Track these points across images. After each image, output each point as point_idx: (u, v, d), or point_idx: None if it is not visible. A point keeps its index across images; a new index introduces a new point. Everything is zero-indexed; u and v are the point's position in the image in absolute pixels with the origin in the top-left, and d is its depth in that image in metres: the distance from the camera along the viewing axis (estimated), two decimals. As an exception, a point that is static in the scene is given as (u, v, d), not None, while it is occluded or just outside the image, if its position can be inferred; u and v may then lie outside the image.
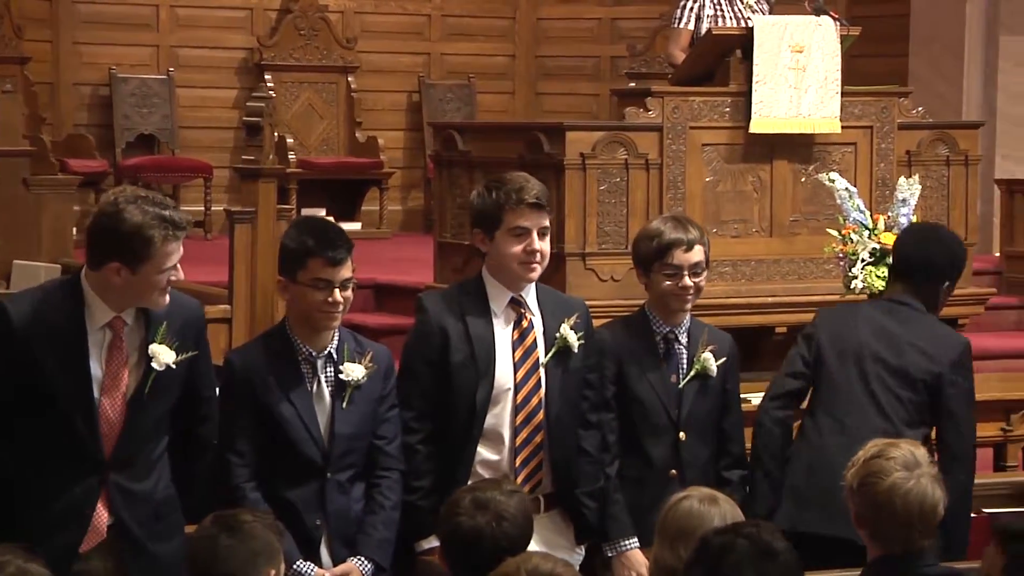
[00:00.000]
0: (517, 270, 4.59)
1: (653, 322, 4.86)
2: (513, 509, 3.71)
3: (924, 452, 3.80)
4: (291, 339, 4.44)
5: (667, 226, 4.83)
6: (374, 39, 12.34)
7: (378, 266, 9.03)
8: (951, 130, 7.71)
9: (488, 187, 4.64)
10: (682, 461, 4.81)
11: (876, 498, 3.71)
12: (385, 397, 4.51)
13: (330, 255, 4.37)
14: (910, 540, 3.71)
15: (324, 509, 4.40)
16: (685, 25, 7.84)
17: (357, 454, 4.46)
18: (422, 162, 12.05)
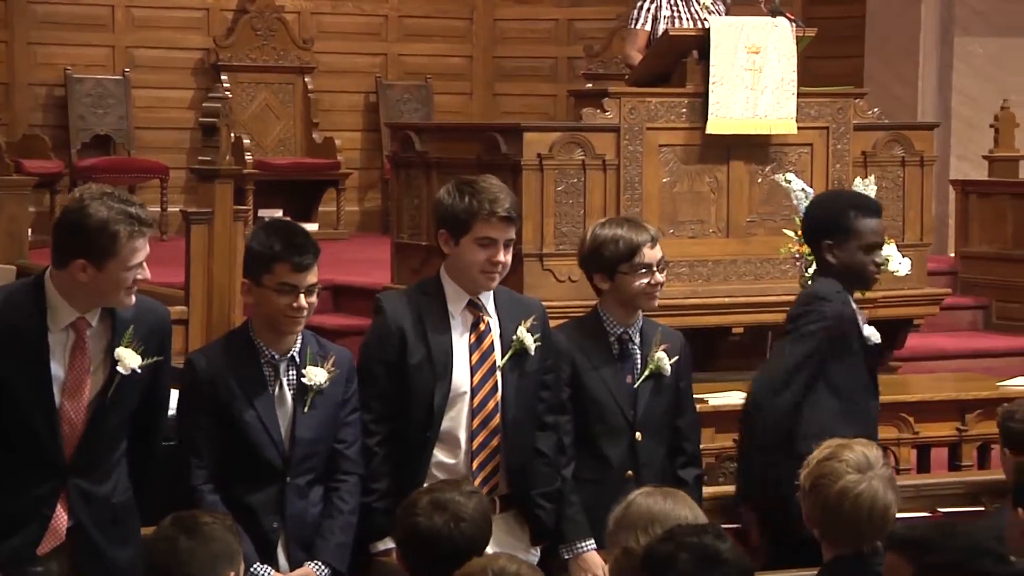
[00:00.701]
0: (477, 278, 4.58)
1: (607, 323, 4.87)
2: (471, 510, 3.71)
3: (877, 453, 3.82)
4: (254, 341, 4.43)
5: (625, 228, 4.84)
6: (331, 40, 12.31)
7: (336, 267, 9.00)
8: (906, 131, 7.76)
9: (462, 190, 4.59)
10: (639, 462, 4.82)
11: (827, 500, 3.74)
12: (347, 401, 4.50)
13: (297, 260, 4.35)
14: (860, 541, 3.73)
15: (282, 513, 4.39)
16: (642, 26, 7.86)
17: (317, 458, 4.44)
18: (379, 163, 12.03)
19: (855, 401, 4.91)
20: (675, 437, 4.93)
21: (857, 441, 3.93)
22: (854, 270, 4.95)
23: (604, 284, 4.85)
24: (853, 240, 4.93)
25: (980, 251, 9.45)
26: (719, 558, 3.20)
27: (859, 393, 4.93)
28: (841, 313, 4.89)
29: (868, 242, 4.94)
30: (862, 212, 4.96)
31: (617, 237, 4.80)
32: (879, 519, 3.73)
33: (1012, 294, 9.16)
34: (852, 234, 4.93)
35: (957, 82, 10.70)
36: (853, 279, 4.98)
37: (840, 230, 4.94)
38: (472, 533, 3.68)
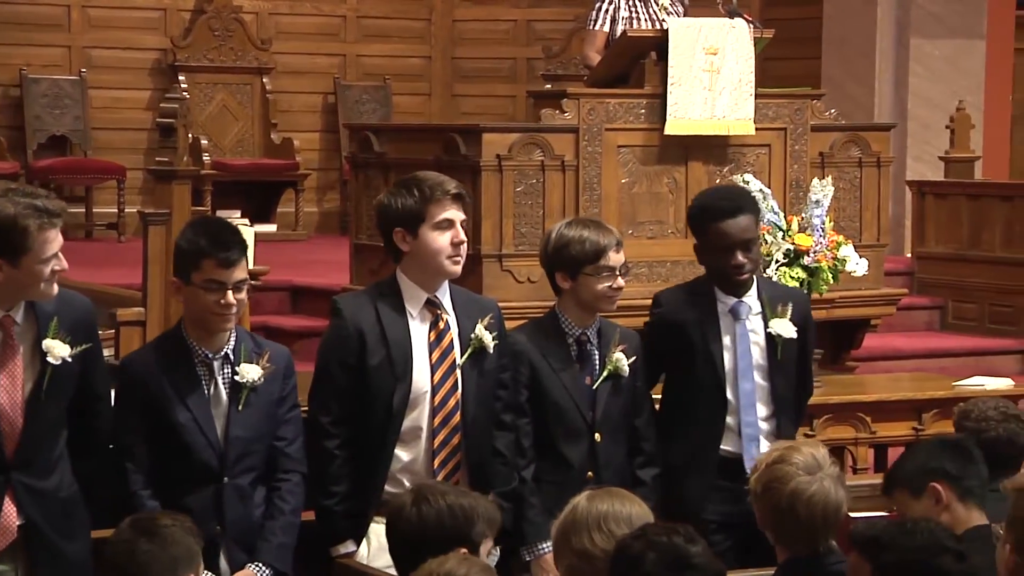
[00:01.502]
0: (444, 264, 4.57)
1: (565, 324, 4.87)
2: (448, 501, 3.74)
3: (825, 453, 3.83)
4: (186, 341, 4.40)
5: (590, 230, 4.85)
6: (289, 40, 12.28)
7: (294, 268, 8.98)
8: (863, 132, 7.79)
9: (406, 186, 4.61)
10: (599, 463, 4.82)
11: (779, 504, 3.75)
12: (284, 398, 4.47)
13: (223, 256, 4.32)
14: (814, 541, 3.75)
15: (222, 515, 4.36)
16: (600, 27, 7.87)
17: (255, 457, 4.42)
18: (338, 164, 12.00)
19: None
20: (633, 437, 4.94)
21: (804, 442, 3.95)
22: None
23: (565, 284, 4.85)
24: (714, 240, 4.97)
25: (936, 252, 9.50)
26: (688, 562, 3.19)
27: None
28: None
29: (720, 244, 4.96)
30: (714, 216, 4.98)
31: (584, 238, 4.81)
32: (832, 518, 3.75)
33: (968, 294, 9.21)
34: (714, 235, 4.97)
35: (913, 83, 10.75)
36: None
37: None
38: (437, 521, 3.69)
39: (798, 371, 5.12)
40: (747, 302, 5.03)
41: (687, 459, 4.99)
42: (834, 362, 7.67)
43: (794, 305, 5.07)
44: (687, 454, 4.99)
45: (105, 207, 11.19)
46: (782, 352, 5.01)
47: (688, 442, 5.00)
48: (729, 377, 4.98)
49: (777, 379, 5.02)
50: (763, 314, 5.03)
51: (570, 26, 12.16)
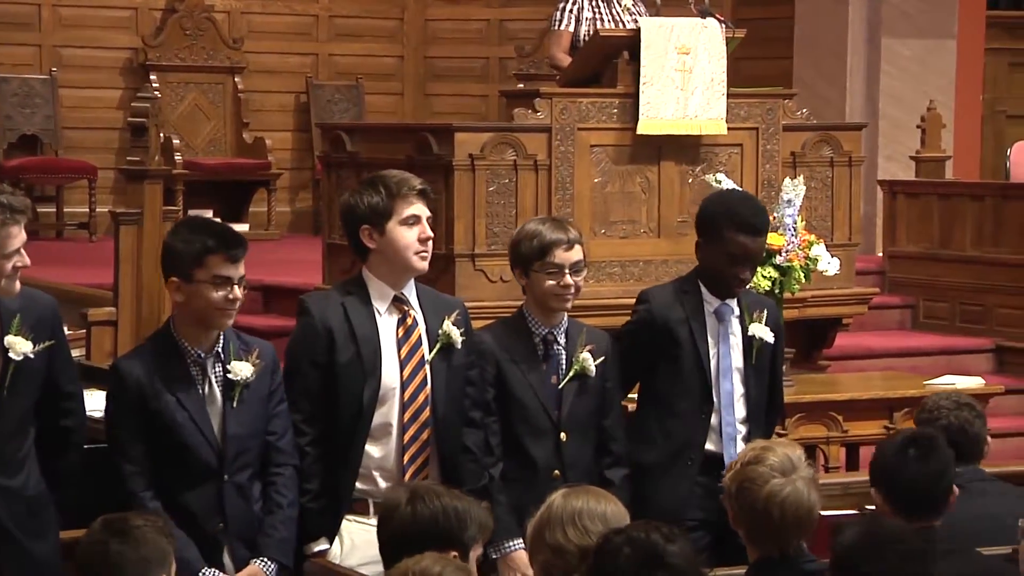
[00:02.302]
0: (412, 260, 4.59)
1: (531, 323, 4.88)
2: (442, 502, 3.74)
3: (800, 454, 3.85)
4: (178, 341, 4.41)
5: (546, 226, 4.87)
6: (261, 39, 12.25)
7: (266, 267, 8.96)
8: (835, 132, 7.81)
9: (372, 183, 4.65)
10: (564, 462, 4.83)
11: (753, 505, 3.76)
12: (273, 393, 4.50)
13: (231, 252, 4.37)
14: (786, 543, 3.76)
15: (223, 513, 4.37)
16: (565, 27, 7.88)
17: (252, 454, 4.44)
18: (310, 163, 11.98)
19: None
20: (601, 437, 4.95)
21: (780, 442, 3.96)
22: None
23: (522, 281, 4.89)
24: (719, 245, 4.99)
25: (907, 251, 9.53)
26: (662, 560, 3.19)
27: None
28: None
29: (733, 253, 4.97)
30: (739, 227, 4.99)
31: (534, 234, 4.83)
32: (804, 521, 3.77)
33: (939, 293, 9.24)
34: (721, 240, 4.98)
35: (884, 83, 10.78)
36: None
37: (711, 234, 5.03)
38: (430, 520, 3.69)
39: (770, 380, 5.15)
40: (731, 304, 5.06)
41: (667, 459, 5.00)
42: (806, 361, 7.69)
43: (768, 313, 5.10)
44: (667, 454, 5.00)
45: (76, 207, 11.16)
46: (757, 356, 5.05)
47: (668, 441, 5.01)
48: (712, 376, 5.00)
49: (751, 382, 5.05)
50: (741, 318, 5.06)
51: (543, 26, 12.13)
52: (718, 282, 5.04)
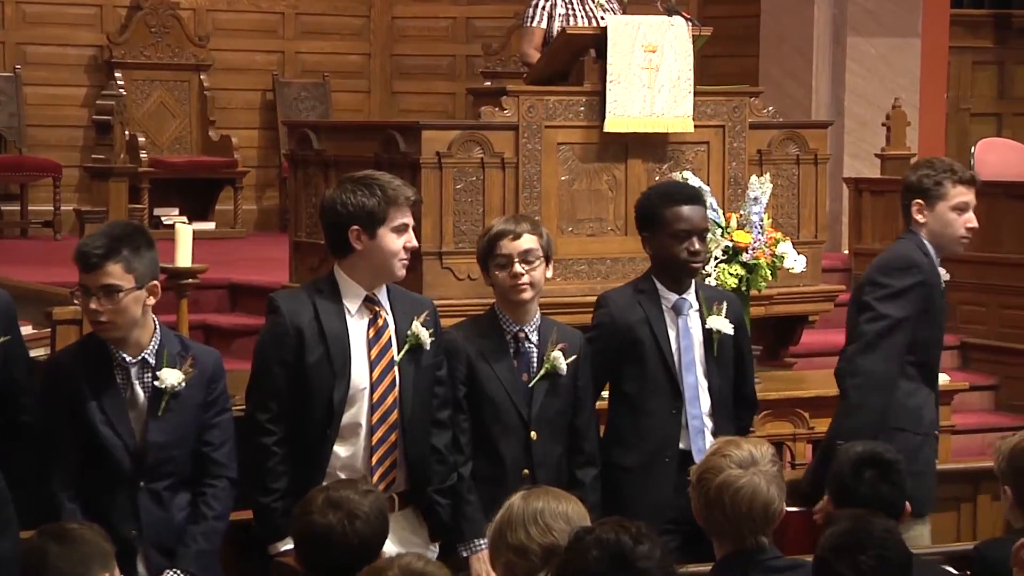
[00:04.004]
0: (395, 267, 4.60)
1: (503, 321, 4.88)
2: (367, 508, 3.70)
3: (766, 451, 3.84)
4: (106, 344, 4.37)
5: (500, 221, 4.93)
6: (227, 37, 12.20)
7: (232, 266, 8.93)
8: (801, 130, 7.82)
9: (367, 184, 4.59)
10: (534, 460, 4.83)
11: (708, 494, 3.77)
12: (212, 402, 4.45)
13: (81, 263, 4.31)
14: (741, 536, 3.76)
15: (138, 519, 4.34)
16: (537, 24, 7.87)
17: (175, 463, 4.39)
18: (277, 161, 11.95)
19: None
20: (572, 436, 4.95)
21: (748, 439, 3.96)
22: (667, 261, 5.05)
23: (487, 280, 4.92)
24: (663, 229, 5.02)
25: (873, 248, 9.53)
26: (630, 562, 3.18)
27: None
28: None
29: (677, 229, 5.00)
30: (672, 201, 5.04)
31: (487, 231, 4.88)
32: (759, 514, 3.76)
33: (904, 290, 9.26)
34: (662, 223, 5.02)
35: (850, 81, 10.82)
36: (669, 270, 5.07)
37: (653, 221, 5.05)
38: (367, 531, 3.67)
39: (739, 375, 5.17)
40: (687, 298, 5.08)
41: (646, 459, 5.01)
42: (772, 358, 7.71)
43: (728, 306, 5.12)
44: (645, 454, 5.01)
45: (41, 205, 11.08)
46: (718, 349, 5.06)
47: (644, 441, 5.03)
48: (677, 371, 5.02)
49: (713, 375, 5.07)
50: (700, 312, 5.07)
51: (510, 23, 12.16)
52: (673, 268, 5.06)
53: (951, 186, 5.26)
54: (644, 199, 5.22)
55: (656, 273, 5.11)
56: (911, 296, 5.17)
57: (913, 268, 5.21)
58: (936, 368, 5.33)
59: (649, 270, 5.17)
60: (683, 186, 5.41)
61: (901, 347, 5.17)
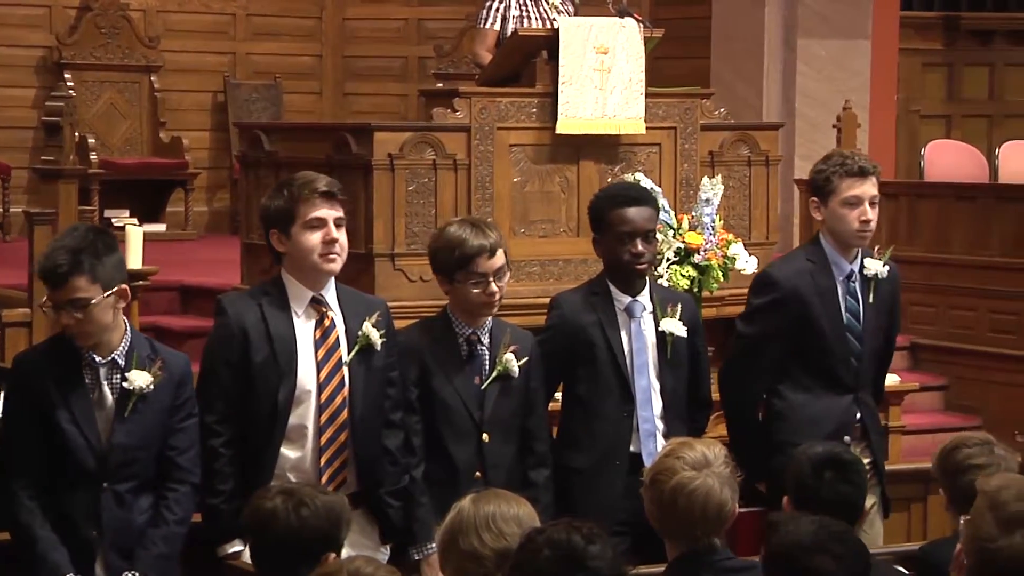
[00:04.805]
0: (318, 263, 4.57)
1: (455, 324, 4.88)
2: (319, 502, 3.69)
3: (719, 452, 3.85)
4: (75, 344, 4.36)
5: (466, 232, 4.84)
6: (178, 38, 12.14)
7: (184, 268, 8.90)
8: (752, 131, 7.85)
9: (279, 187, 4.67)
10: (486, 463, 4.83)
11: (662, 496, 3.77)
12: (179, 407, 4.44)
13: (46, 280, 4.31)
14: (694, 538, 3.77)
15: (99, 521, 4.32)
16: (491, 25, 7.87)
17: (140, 465, 4.38)
18: (228, 163, 11.90)
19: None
20: (524, 438, 4.96)
21: (701, 440, 3.97)
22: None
23: (445, 287, 4.87)
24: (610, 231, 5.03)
25: (824, 249, 9.60)
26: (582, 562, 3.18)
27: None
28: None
29: (621, 231, 5.01)
30: (617, 202, 5.06)
31: (455, 244, 4.81)
32: (712, 516, 3.76)
33: (855, 291, 9.32)
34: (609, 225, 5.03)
35: (800, 83, 10.87)
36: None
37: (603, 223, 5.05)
38: (314, 522, 3.65)
39: (694, 376, 5.18)
40: (641, 301, 5.09)
41: (597, 462, 5.02)
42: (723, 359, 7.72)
43: (683, 307, 5.13)
44: (596, 456, 5.02)
45: (-10, 207, 11.00)
46: (672, 351, 5.07)
47: (596, 444, 5.03)
48: (629, 374, 5.03)
49: (667, 377, 5.08)
50: (654, 314, 5.08)
51: (461, 25, 12.15)
52: (621, 270, 5.08)
53: (839, 180, 5.28)
54: (593, 201, 5.24)
55: (609, 275, 5.13)
56: (768, 313, 5.23)
57: (771, 285, 5.27)
58: (843, 374, 5.30)
59: (602, 272, 5.18)
60: (630, 187, 5.41)
61: (767, 364, 5.22)
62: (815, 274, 5.27)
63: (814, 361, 5.26)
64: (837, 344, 5.27)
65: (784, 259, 5.60)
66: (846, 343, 5.29)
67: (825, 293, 5.27)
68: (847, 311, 5.30)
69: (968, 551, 3.10)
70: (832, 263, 5.31)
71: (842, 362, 5.28)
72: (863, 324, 5.32)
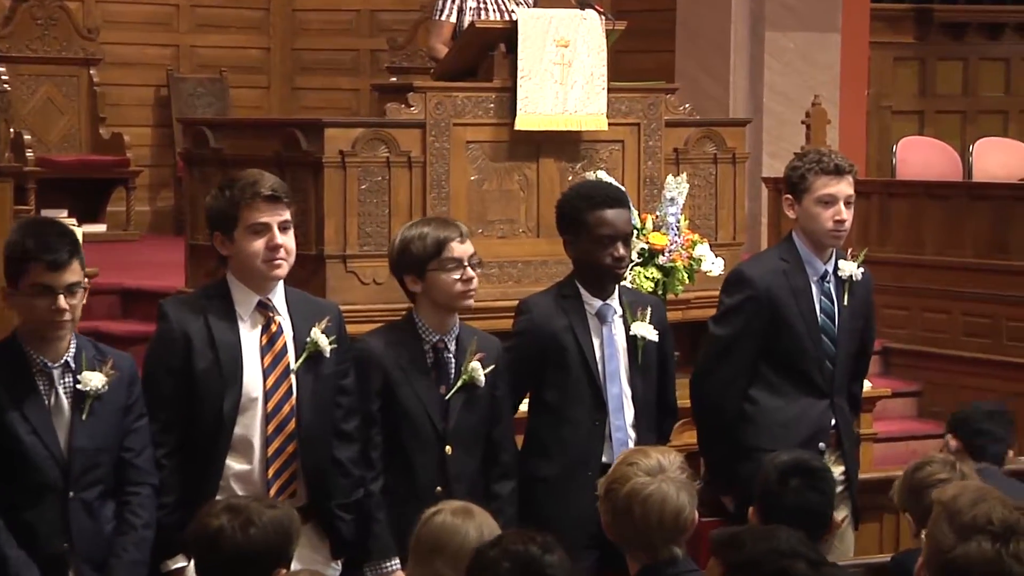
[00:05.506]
0: (262, 268, 4.56)
1: (422, 330, 4.86)
2: (266, 519, 3.68)
3: (674, 459, 3.85)
4: (24, 351, 4.33)
5: (432, 224, 4.87)
6: (118, 30, 12.09)
7: (125, 270, 8.86)
8: (718, 128, 7.87)
9: (221, 187, 4.64)
10: (449, 476, 4.81)
11: (616, 505, 3.77)
12: (131, 406, 4.43)
13: (50, 259, 4.27)
14: (653, 547, 3.76)
15: (68, 532, 4.30)
16: (447, 17, 7.87)
17: (102, 469, 4.37)
18: (172, 160, 11.86)
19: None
20: (489, 448, 4.95)
21: (656, 447, 3.99)
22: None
23: (416, 286, 4.85)
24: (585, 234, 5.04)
25: (793, 250, 9.64)
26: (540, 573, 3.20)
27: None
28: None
29: (600, 234, 5.03)
30: (595, 204, 5.07)
31: (424, 234, 4.81)
32: (670, 523, 3.75)
33: (825, 293, 9.36)
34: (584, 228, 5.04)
35: (768, 77, 10.91)
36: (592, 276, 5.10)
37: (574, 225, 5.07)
38: (262, 541, 3.64)
39: (661, 381, 5.20)
40: (612, 304, 5.10)
41: (566, 472, 5.01)
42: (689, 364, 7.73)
43: (652, 311, 5.14)
44: (565, 466, 5.02)
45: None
46: (642, 356, 5.08)
47: (565, 453, 5.03)
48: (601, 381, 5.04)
49: (637, 383, 5.09)
50: (624, 318, 5.10)
51: (416, 17, 12.15)
52: (596, 273, 5.08)
53: (813, 178, 5.31)
54: (566, 201, 5.22)
55: (579, 278, 5.12)
56: (742, 312, 5.26)
57: (744, 283, 5.30)
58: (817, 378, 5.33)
59: (571, 274, 5.17)
60: (607, 188, 5.40)
61: (741, 365, 5.25)
62: (789, 274, 5.30)
63: (788, 364, 5.28)
64: (812, 346, 5.30)
65: (756, 258, 5.63)
66: (821, 345, 5.32)
67: (799, 293, 5.30)
68: (822, 312, 5.33)
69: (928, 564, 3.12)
70: (806, 263, 5.33)
71: (817, 365, 5.31)
72: (838, 326, 5.35)
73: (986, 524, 3.06)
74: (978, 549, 3.03)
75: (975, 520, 3.06)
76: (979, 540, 3.04)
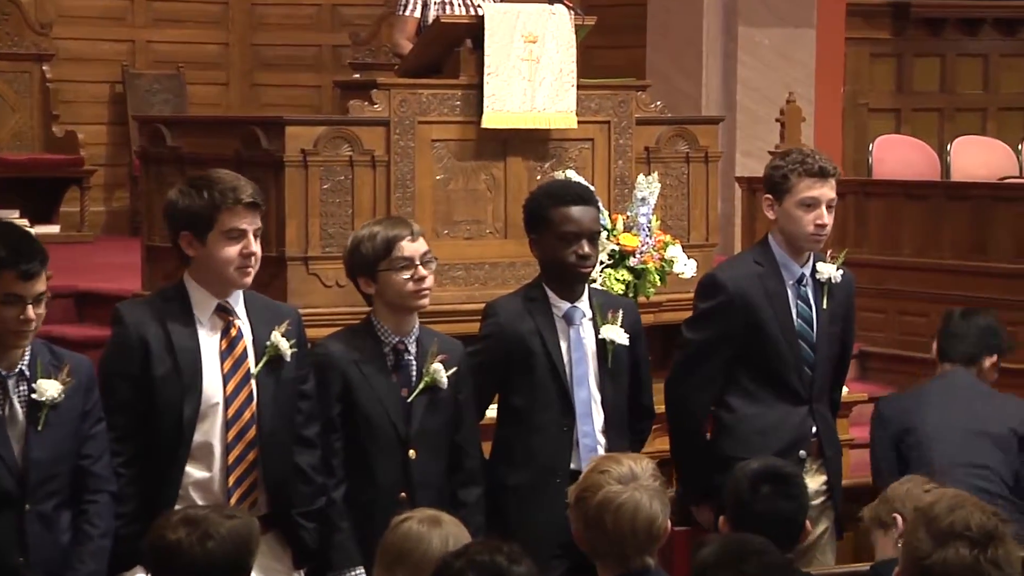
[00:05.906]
0: (232, 275, 4.55)
1: (381, 332, 4.86)
2: (224, 530, 3.67)
3: (646, 466, 3.86)
4: None
5: (382, 224, 4.90)
6: (72, 25, 12.05)
7: (79, 273, 8.83)
8: (690, 126, 7.87)
9: (197, 186, 4.60)
10: (412, 481, 4.82)
11: (588, 514, 3.79)
12: (88, 412, 4.43)
13: (23, 268, 4.27)
14: (625, 556, 3.77)
15: (24, 545, 4.28)
16: (411, 12, 7.87)
17: (60, 480, 4.36)
18: (127, 159, 11.83)
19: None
20: (454, 453, 4.95)
21: (627, 454, 3.99)
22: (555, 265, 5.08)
23: (369, 288, 4.86)
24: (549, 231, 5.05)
25: (767, 251, 9.66)
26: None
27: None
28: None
29: (564, 231, 5.03)
30: (560, 201, 5.08)
31: (373, 234, 4.84)
32: (642, 532, 3.77)
33: (800, 296, 9.38)
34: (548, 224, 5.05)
35: (742, 74, 10.93)
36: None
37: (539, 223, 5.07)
38: (220, 554, 3.64)
39: (635, 383, 5.21)
40: (580, 307, 5.10)
41: (535, 479, 5.01)
42: (662, 368, 7.74)
43: (624, 313, 5.15)
44: (534, 474, 5.02)
45: None
46: (613, 360, 5.09)
47: (534, 461, 5.04)
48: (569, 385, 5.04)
49: (607, 388, 5.09)
50: (594, 321, 5.10)
51: (379, 11, 12.14)
52: (560, 272, 5.09)
53: (797, 179, 5.32)
54: (531, 199, 5.24)
55: (546, 280, 5.13)
56: (715, 318, 5.28)
57: (717, 288, 5.31)
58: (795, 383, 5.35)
59: (539, 276, 5.18)
60: (573, 185, 5.42)
61: (715, 372, 5.26)
62: (764, 277, 5.31)
63: (765, 370, 5.29)
64: (789, 351, 5.30)
65: (730, 261, 5.64)
66: (798, 350, 5.32)
67: (775, 297, 5.31)
68: (799, 317, 5.34)
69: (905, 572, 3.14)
70: (782, 266, 5.34)
71: (795, 370, 5.32)
72: (816, 330, 5.36)
73: (963, 530, 3.09)
74: (956, 555, 3.06)
75: (952, 526, 3.08)
76: (956, 546, 3.07)
